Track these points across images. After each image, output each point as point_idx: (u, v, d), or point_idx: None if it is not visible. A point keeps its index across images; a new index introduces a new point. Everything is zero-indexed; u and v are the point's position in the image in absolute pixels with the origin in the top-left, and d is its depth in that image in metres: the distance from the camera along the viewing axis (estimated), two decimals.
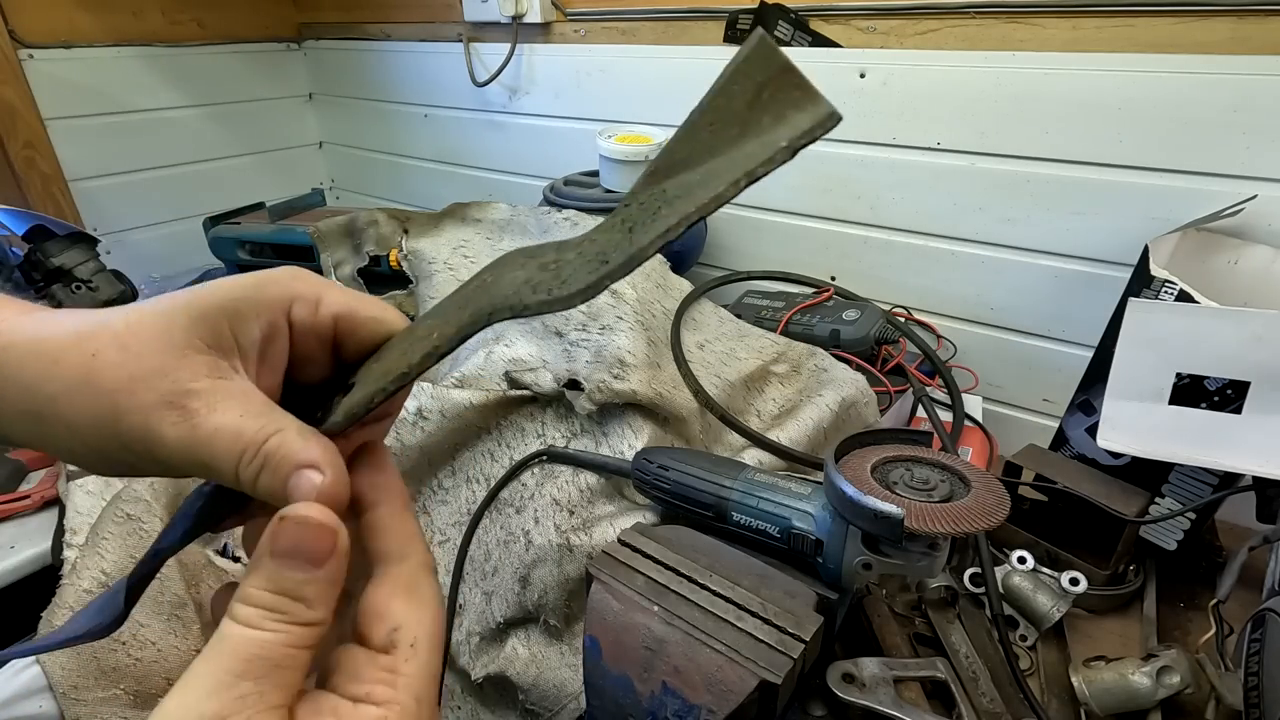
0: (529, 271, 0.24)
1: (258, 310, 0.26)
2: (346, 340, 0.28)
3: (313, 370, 0.28)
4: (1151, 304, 0.58)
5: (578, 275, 0.23)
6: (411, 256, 0.90)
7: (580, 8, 1.10)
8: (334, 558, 0.22)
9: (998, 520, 0.38)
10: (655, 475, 0.52)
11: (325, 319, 0.27)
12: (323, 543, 0.22)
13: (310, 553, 0.22)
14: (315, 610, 0.22)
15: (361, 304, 0.28)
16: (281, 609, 0.21)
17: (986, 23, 0.79)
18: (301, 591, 0.22)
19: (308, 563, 0.22)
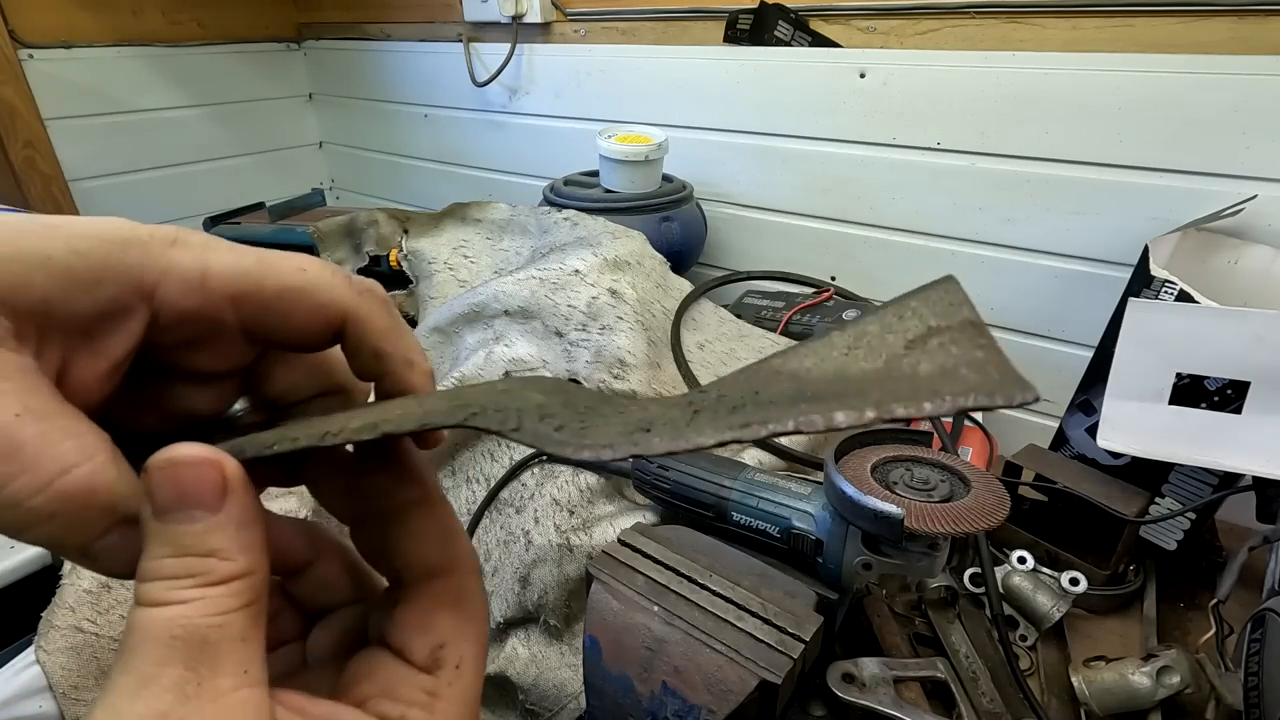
0: (550, 401, 0.19)
1: (91, 276, 0.18)
2: (262, 327, 0.21)
3: (221, 362, 0.21)
4: (1151, 304, 0.58)
5: (603, 430, 0.18)
6: (411, 256, 0.90)
7: (580, 8, 1.10)
8: (231, 493, 0.17)
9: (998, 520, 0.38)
10: (655, 475, 0.52)
11: (216, 298, 0.19)
12: (207, 480, 0.17)
13: (198, 497, 0.17)
14: (233, 561, 0.17)
15: (272, 272, 0.20)
16: (188, 571, 0.17)
17: (986, 23, 0.79)
18: (206, 544, 0.17)
19: (200, 509, 0.17)
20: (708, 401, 0.18)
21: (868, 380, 0.17)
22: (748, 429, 0.16)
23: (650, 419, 0.18)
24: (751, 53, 0.94)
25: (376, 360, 0.22)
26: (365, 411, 0.21)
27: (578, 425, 0.18)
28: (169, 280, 0.19)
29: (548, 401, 0.19)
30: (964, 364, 0.16)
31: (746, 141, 0.98)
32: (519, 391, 0.20)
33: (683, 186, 0.96)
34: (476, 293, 0.70)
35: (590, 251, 0.70)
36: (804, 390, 0.17)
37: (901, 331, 0.17)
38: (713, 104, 1.00)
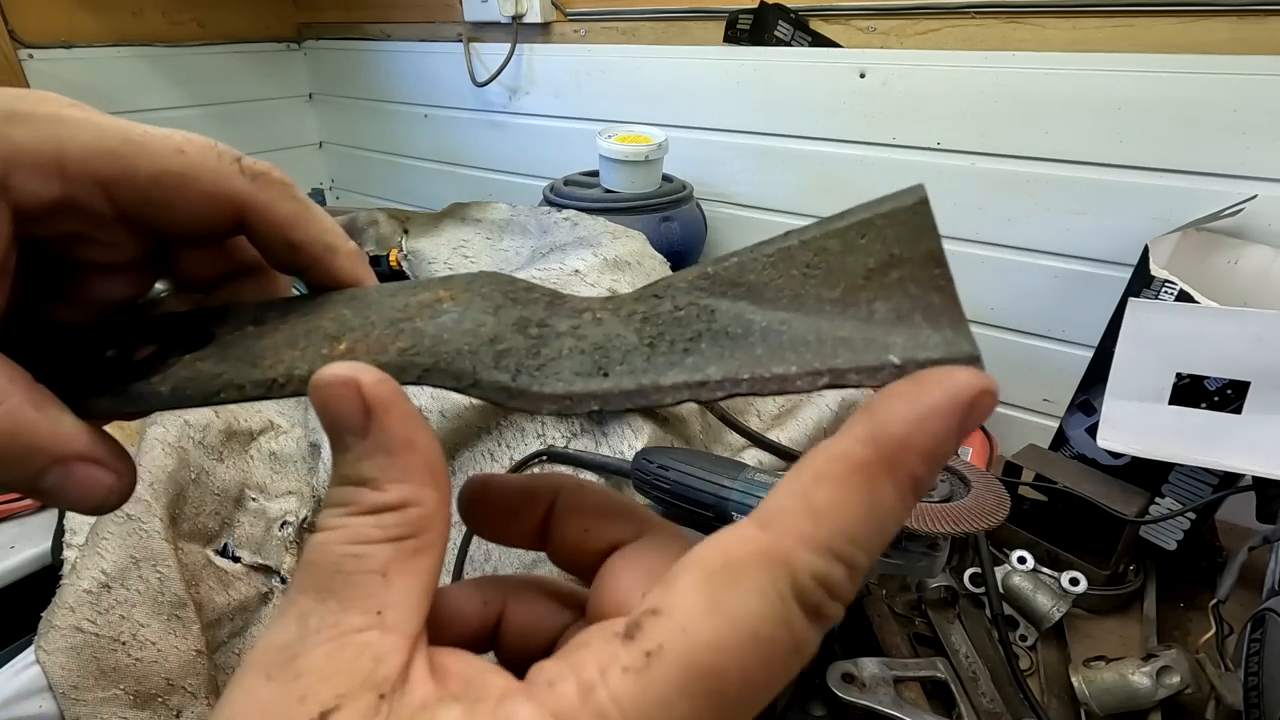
0: (501, 323, 0.18)
1: None
2: (144, 220, 0.18)
3: (113, 254, 0.19)
4: (1151, 304, 0.58)
5: (560, 369, 0.17)
6: (411, 256, 0.90)
7: (580, 8, 1.10)
8: (373, 414, 0.16)
9: (998, 520, 0.38)
10: (655, 475, 0.52)
11: (80, 185, 0.17)
12: (345, 400, 0.16)
13: (343, 419, 0.16)
14: (385, 491, 0.15)
15: (146, 151, 0.17)
16: (341, 500, 0.16)
17: (986, 23, 0.79)
18: (359, 471, 0.16)
19: (347, 433, 0.16)
20: (664, 320, 0.18)
21: (823, 318, 0.17)
22: (710, 386, 0.16)
23: (604, 346, 0.17)
24: (751, 53, 0.94)
25: (291, 252, 0.19)
26: (312, 341, 0.19)
27: (533, 364, 0.17)
28: (19, 167, 0.16)
29: (499, 327, 0.18)
30: (920, 310, 0.16)
31: (746, 141, 0.98)
32: (468, 313, 0.19)
33: (683, 186, 0.96)
34: None
35: (590, 251, 0.70)
36: (758, 321, 0.17)
37: (863, 254, 0.17)
38: (713, 104, 1.00)
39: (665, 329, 0.17)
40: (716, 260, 0.18)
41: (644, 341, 0.17)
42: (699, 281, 0.18)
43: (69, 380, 0.18)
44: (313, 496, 0.62)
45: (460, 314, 0.18)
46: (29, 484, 0.16)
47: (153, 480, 0.56)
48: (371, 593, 0.15)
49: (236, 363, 0.18)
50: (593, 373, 0.17)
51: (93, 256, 0.19)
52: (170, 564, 0.53)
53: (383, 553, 0.15)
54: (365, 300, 0.20)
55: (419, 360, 0.18)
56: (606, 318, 0.18)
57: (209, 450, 0.62)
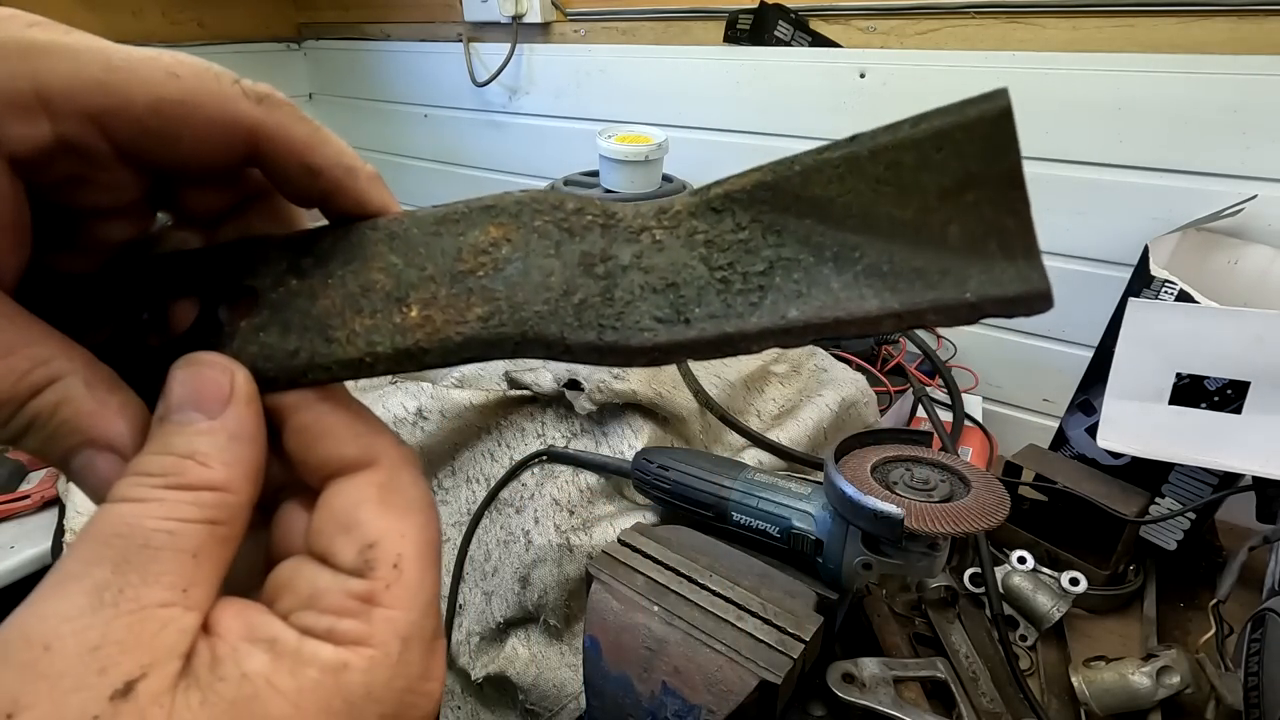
0: (567, 266, 0.17)
1: None
2: (145, 154, 0.16)
3: (114, 196, 0.18)
4: (1151, 304, 0.58)
5: (640, 316, 0.17)
6: None
7: (580, 8, 1.10)
8: (234, 403, 0.16)
9: (998, 520, 0.38)
10: (655, 475, 0.52)
11: (71, 122, 0.15)
12: (212, 383, 0.16)
13: (199, 399, 0.16)
14: (212, 469, 0.15)
15: (141, 79, 0.16)
16: (161, 469, 0.15)
17: (986, 23, 0.79)
18: (190, 445, 0.15)
19: (198, 411, 0.16)
20: (730, 243, 0.17)
21: (895, 243, 0.16)
22: (788, 334, 0.16)
23: (672, 278, 0.17)
24: (751, 53, 0.94)
25: (310, 177, 0.18)
26: (374, 303, 0.18)
27: (611, 312, 0.17)
28: (4, 109, 0.15)
29: (566, 272, 0.17)
30: (995, 237, 0.15)
31: (746, 141, 0.98)
32: (532, 259, 0.18)
33: (683, 186, 0.96)
34: None
35: None
36: (829, 246, 0.16)
37: (938, 171, 0.16)
38: (713, 104, 1.00)
39: (734, 258, 0.17)
40: (777, 164, 0.17)
41: (715, 276, 0.17)
42: (759, 193, 0.17)
43: (124, 355, 0.18)
44: None
45: (524, 261, 0.18)
46: (60, 459, 0.16)
47: None
48: (179, 570, 0.14)
49: (305, 333, 0.18)
50: (674, 319, 0.17)
51: (94, 200, 0.17)
52: None
53: (197, 533, 0.15)
54: (407, 240, 0.18)
55: (506, 332, 0.17)
56: (667, 240, 0.17)
57: None
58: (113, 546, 0.14)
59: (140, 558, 0.14)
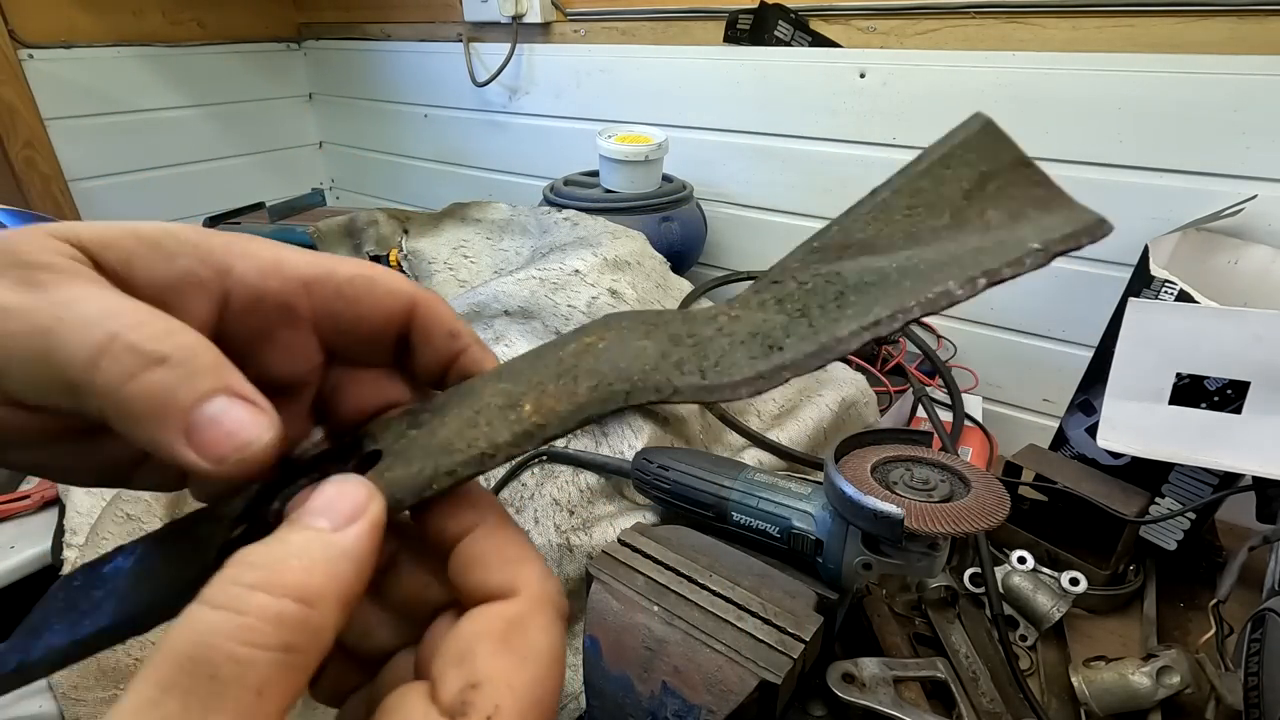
0: (658, 343, 0.19)
1: (174, 249, 0.18)
2: (333, 317, 0.21)
3: (292, 362, 0.21)
4: (1151, 304, 0.58)
5: (736, 360, 0.18)
6: (411, 256, 0.90)
7: (580, 8, 1.10)
8: (359, 521, 0.16)
9: (998, 520, 0.38)
10: (655, 475, 0.52)
11: (291, 283, 0.20)
12: (350, 497, 0.17)
13: (331, 507, 0.16)
14: (311, 576, 0.15)
15: (342, 264, 0.20)
16: (264, 563, 0.15)
17: (986, 23, 0.79)
18: (303, 545, 0.16)
19: (324, 518, 0.16)
20: (797, 295, 0.18)
21: (946, 241, 0.17)
22: (878, 325, 0.17)
23: (761, 331, 0.18)
24: (751, 53, 0.94)
25: (452, 340, 0.21)
26: (489, 421, 0.19)
27: (709, 363, 0.18)
28: (245, 262, 0.19)
29: (659, 346, 0.19)
30: (1030, 205, 0.17)
31: (746, 141, 0.98)
32: (625, 344, 0.19)
33: (683, 186, 0.96)
34: (476, 293, 0.70)
35: (590, 251, 0.70)
36: (889, 265, 0.18)
37: (955, 181, 0.18)
38: (713, 104, 1.00)
39: (806, 301, 0.18)
40: (815, 236, 0.19)
41: (794, 316, 0.18)
42: (810, 257, 0.19)
43: (253, 531, 0.18)
44: None
45: (618, 347, 0.19)
46: (179, 412, 0.16)
47: None
48: (240, 710, 0.14)
49: (428, 456, 0.18)
50: (767, 353, 0.18)
51: (269, 362, 0.20)
52: None
53: (266, 663, 0.14)
54: (511, 369, 0.20)
55: (616, 387, 0.18)
56: (742, 314, 0.19)
57: None
58: (185, 673, 0.14)
59: (207, 691, 0.14)
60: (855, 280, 0.18)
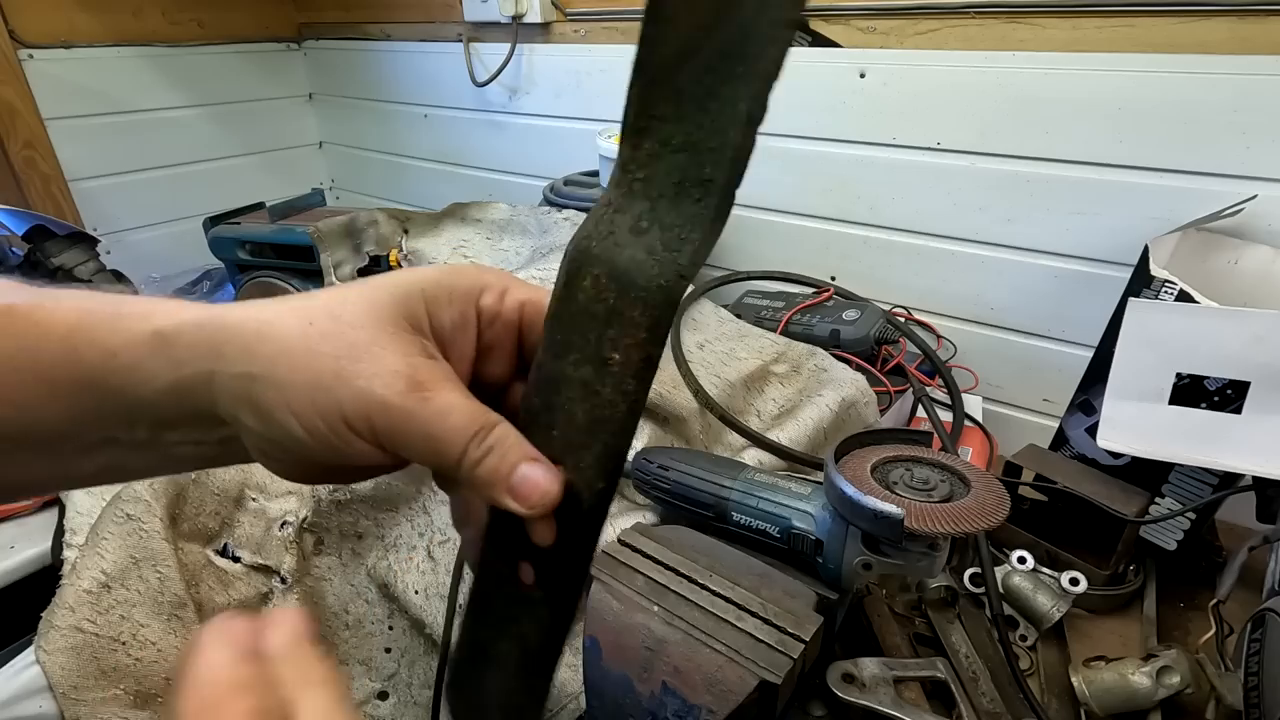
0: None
1: (450, 297, 0.26)
2: (530, 331, 0.28)
3: (496, 364, 0.28)
4: (1151, 304, 0.58)
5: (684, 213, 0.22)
6: (412, 256, 0.90)
7: (580, 8, 1.10)
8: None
9: (998, 520, 0.38)
10: (655, 475, 0.52)
11: (511, 306, 0.27)
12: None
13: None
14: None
15: (544, 293, 0.27)
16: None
17: (986, 23, 0.79)
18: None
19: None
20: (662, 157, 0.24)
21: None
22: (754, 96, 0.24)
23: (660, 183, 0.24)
24: None
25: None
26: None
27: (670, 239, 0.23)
28: (488, 296, 0.27)
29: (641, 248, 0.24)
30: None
31: None
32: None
33: None
34: None
35: None
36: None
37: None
38: None
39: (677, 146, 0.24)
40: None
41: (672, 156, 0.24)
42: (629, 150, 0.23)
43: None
44: (312, 496, 0.62)
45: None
46: (506, 474, 0.24)
47: (153, 480, 0.56)
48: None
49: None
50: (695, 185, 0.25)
51: (489, 369, 0.28)
52: (170, 564, 0.53)
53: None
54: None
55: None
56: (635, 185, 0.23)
57: None
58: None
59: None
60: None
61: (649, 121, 0.22)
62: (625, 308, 0.23)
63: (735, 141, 0.23)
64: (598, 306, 0.23)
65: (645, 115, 0.22)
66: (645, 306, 0.22)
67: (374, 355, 0.23)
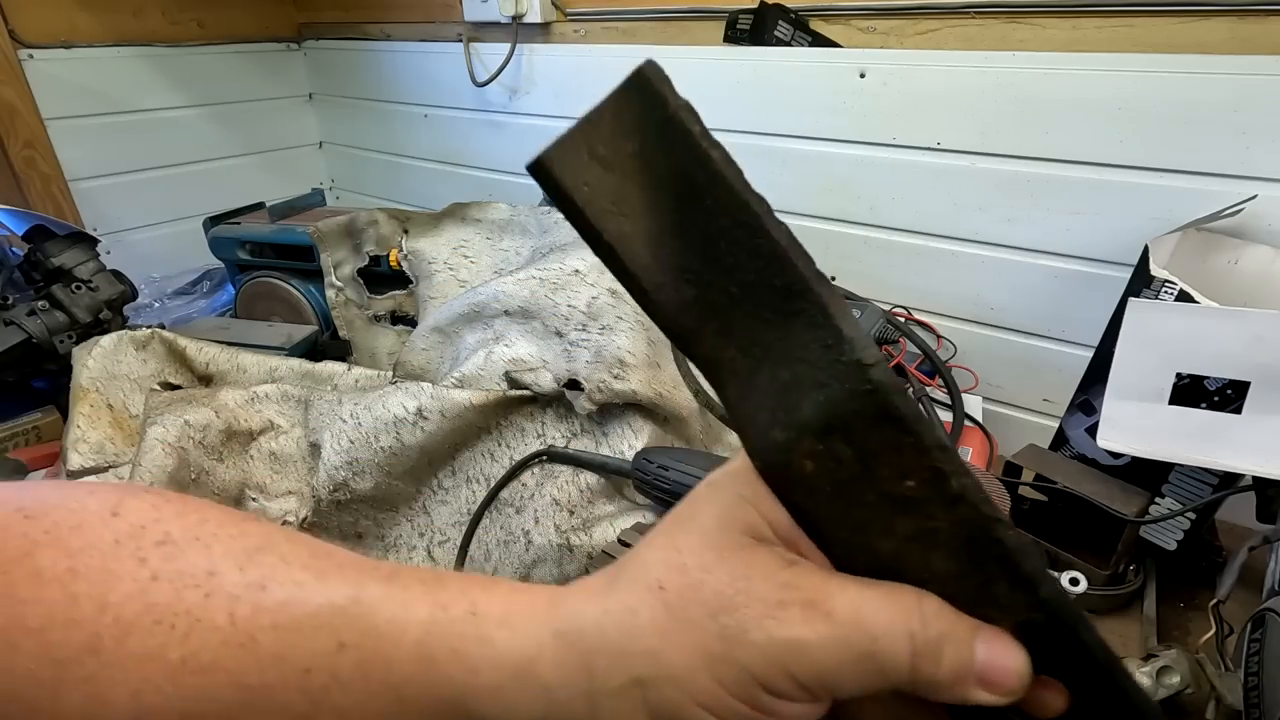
0: None
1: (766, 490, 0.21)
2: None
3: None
4: (1151, 304, 0.58)
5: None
6: (411, 256, 0.90)
7: (580, 8, 1.10)
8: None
9: None
10: (655, 475, 0.52)
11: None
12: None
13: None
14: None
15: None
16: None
17: (986, 23, 0.79)
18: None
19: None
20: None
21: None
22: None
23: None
24: (751, 53, 0.94)
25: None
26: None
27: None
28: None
29: None
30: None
31: (746, 141, 0.98)
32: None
33: None
34: (476, 293, 0.70)
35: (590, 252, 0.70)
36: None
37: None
38: (713, 104, 1.00)
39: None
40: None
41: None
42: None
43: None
44: (312, 496, 0.62)
45: None
46: (966, 661, 0.19)
47: (153, 480, 0.56)
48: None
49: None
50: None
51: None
52: None
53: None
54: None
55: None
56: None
57: (209, 450, 0.62)
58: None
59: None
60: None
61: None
62: (865, 441, 0.19)
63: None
64: (845, 470, 0.19)
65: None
66: (871, 421, 0.19)
67: (746, 594, 0.19)
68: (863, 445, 0.19)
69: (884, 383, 0.18)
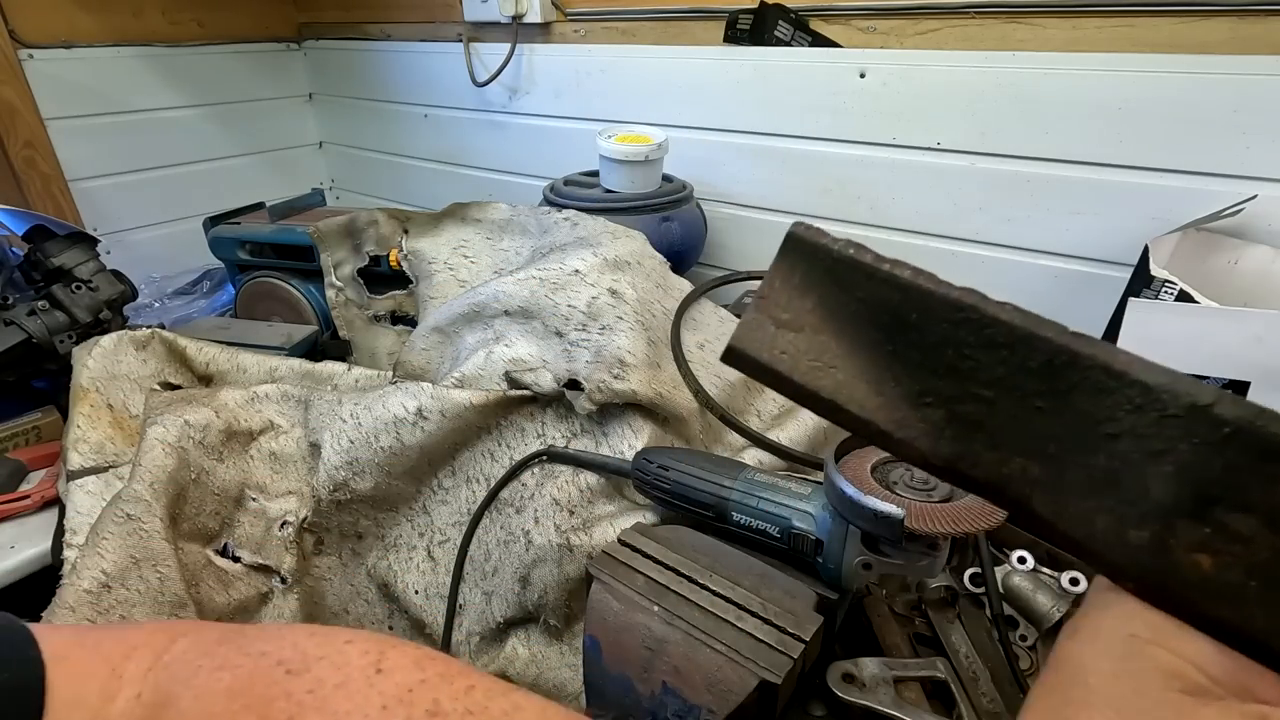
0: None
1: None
2: None
3: None
4: (1151, 304, 0.58)
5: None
6: (411, 256, 0.90)
7: (580, 8, 1.10)
8: None
9: (998, 520, 0.38)
10: (655, 475, 0.52)
11: None
12: None
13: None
14: None
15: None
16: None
17: (986, 23, 0.79)
18: None
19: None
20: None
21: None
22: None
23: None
24: (751, 53, 0.94)
25: None
26: None
27: None
28: None
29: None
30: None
31: (746, 141, 0.98)
32: None
33: (683, 186, 0.96)
34: (477, 293, 0.70)
35: (590, 251, 0.70)
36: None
37: None
38: (713, 104, 1.00)
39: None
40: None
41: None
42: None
43: None
44: (313, 496, 0.62)
45: None
46: None
47: (153, 480, 0.56)
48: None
49: None
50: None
51: None
52: (170, 564, 0.53)
53: None
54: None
55: None
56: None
57: (209, 450, 0.62)
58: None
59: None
60: None
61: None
62: (1264, 496, 0.15)
63: None
64: (1258, 546, 0.16)
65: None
66: (1254, 468, 0.15)
67: None
68: (1264, 503, 0.15)
69: (1244, 416, 0.15)
